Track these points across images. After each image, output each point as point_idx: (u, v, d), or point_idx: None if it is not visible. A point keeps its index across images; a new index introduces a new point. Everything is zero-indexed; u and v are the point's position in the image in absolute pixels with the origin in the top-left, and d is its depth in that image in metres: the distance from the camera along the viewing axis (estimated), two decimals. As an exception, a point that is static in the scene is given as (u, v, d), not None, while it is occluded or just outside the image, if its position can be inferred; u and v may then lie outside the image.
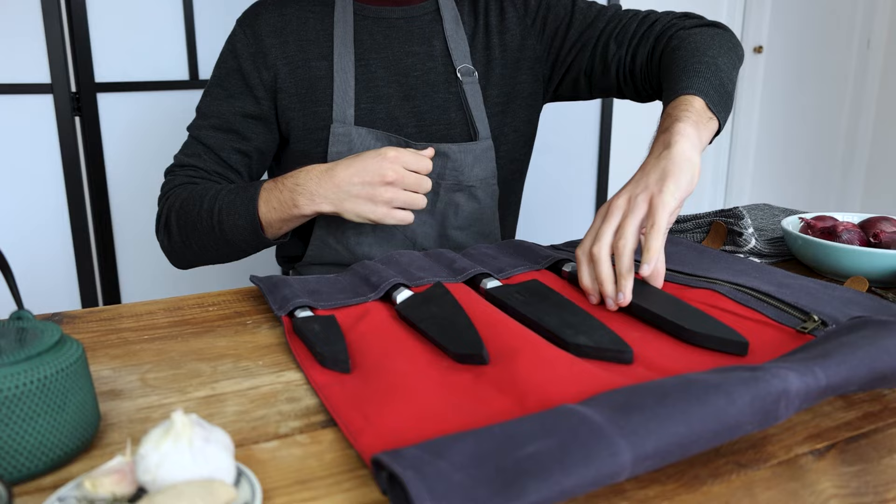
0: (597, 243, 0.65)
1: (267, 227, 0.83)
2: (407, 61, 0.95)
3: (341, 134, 0.91)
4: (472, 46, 0.98)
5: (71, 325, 0.65)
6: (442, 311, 0.59)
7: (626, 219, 0.64)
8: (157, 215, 0.91)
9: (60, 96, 1.39)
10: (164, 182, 0.93)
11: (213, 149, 0.92)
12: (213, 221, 0.84)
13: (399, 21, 0.96)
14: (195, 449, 0.35)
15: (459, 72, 0.96)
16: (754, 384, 0.40)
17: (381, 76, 0.93)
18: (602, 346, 0.53)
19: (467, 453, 0.35)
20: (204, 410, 0.48)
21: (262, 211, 0.82)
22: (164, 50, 1.47)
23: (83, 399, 0.42)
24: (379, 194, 0.78)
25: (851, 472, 0.41)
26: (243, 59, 0.93)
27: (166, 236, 0.90)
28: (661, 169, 0.65)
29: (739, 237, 0.83)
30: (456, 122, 0.96)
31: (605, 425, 0.37)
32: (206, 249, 0.88)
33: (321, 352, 0.53)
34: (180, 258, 0.92)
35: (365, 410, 0.45)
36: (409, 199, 0.80)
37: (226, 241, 0.85)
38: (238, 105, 0.93)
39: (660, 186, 0.63)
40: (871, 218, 0.82)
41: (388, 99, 0.93)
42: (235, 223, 0.83)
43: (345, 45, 0.92)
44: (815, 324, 0.57)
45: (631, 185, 0.67)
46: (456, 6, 0.99)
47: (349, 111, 0.91)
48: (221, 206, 0.83)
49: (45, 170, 1.42)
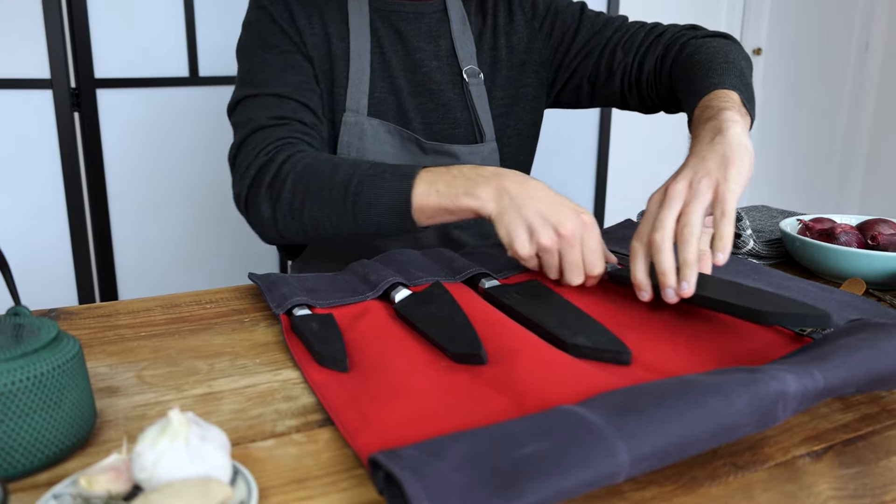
0: (658, 231, 0.60)
1: (417, 211, 0.71)
2: (417, 56, 0.94)
3: (353, 123, 0.90)
4: (479, 47, 0.97)
5: (68, 321, 0.65)
6: (440, 311, 0.59)
7: (689, 205, 0.60)
8: (259, 176, 0.78)
9: (60, 92, 1.38)
10: (246, 140, 0.81)
11: (292, 97, 0.84)
12: (348, 192, 0.72)
13: (409, 16, 0.95)
14: (191, 447, 0.35)
15: (466, 73, 0.95)
16: (752, 386, 0.40)
17: (395, 67, 0.93)
18: (600, 346, 0.53)
19: (465, 453, 0.35)
20: (201, 408, 0.48)
21: (418, 192, 0.70)
22: (164, 46, 1.46)
23: (79, 396, 0.42)
24: (540, 233, 0.65)
25: (849, 475, 0.41)
26: (282, 21, 0.87)
27: (270, 202, 0.77)
28: (720, 154, 0.62)
29: (738, 238, 0.83)
30: (461, 123, 0.96)
31: (602, 426, 0.37)
32: (321, 224, 0.76)
33: (319, 350, 0.53)
34: (277, 229, 0.79)
35: (362, 410, 0.45)
36: (552, 264, 0.67)
37: (354, 219, 0.73)
38: (295, 57, 0.87)
39: (723, 173, 0.61)
40: (868, 220, 0.82)
41: (400, 91, 0.93)
42: (377, 200, 0.71)
43: (360, 32, 0.91)
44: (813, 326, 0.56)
45: (688, 171, 0.63)
46: (463, 6, 0.98)
47: (363, 100, 0.90)
48: (363, 177, 0.72)
49: (44, 165, 1.42)
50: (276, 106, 0.83)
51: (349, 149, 0.90)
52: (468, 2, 0.99)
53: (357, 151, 0.90)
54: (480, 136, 0.96)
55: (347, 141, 0.90)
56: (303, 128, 0.83)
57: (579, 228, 0.65)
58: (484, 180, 0.68)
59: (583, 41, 0.97)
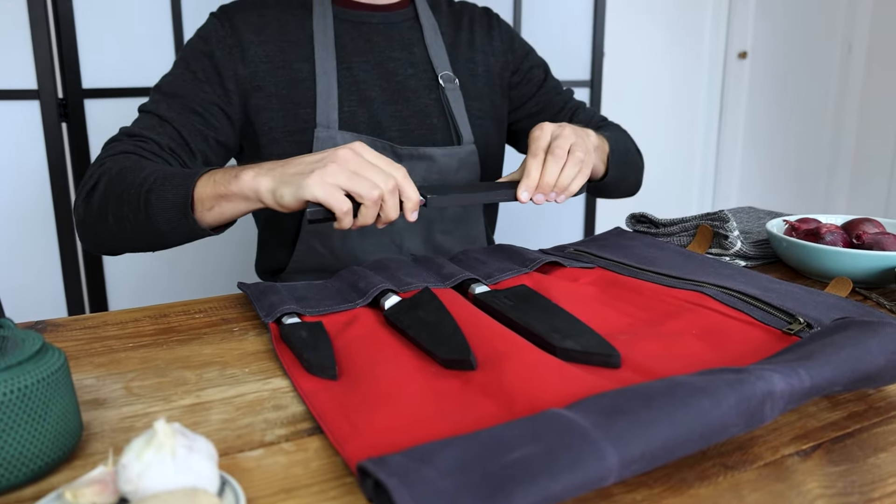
0: (563, 140, 0.77)
1: (198, 203, 0.69)
2: (389, 65, 0.95)
3: (325, 138, 0.90)
4: (452, 56, 1.00)
5: (55, 333, 0.64)
6: (430, 317, 0.59)
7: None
8: (84, 180, 0.78)
9: (47, 102, 1.38)
10: (104, 148, 0.82)
11: (172, 123, 0.83)
12: (142, 191, 0.71)
13: (379, 26, 0.96)
14: (178, 458, 0.35)
15: (441, 78, 0.96)
16: (739, 386, 0.40)
17: (364, 79, 0.93)
18: (590, 350, 0.53)
19: (453, 459, 0.35)
20: (189, 419, 0.48)
21: (198, 186, 0.69)
22: (151, 56, 1.46)
23: (65, 409, 0.42)
24: (328, 173, 0.64)
25: (837, 472, 0.41)
26: (218, 48, 0.88)
27: (84, 205, 0.77)
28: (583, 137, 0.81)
29: (725, 240, 0.84)
30: (439, 127, 0.96)
31: (591, 429, 0.37)
32: (121, 225, 0.74)
33: (308, 358, 0.53)
34: (92, 235, 0.79)
35: (352, 417, 0.45)
36: (357, 188, 0.64)
37: (147, 216, 0.72)
38: (207, 90, 0.86)
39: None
40: (853, 219, 0.83)
41: (371, 102, 0.93)
42: (164, 196, 0.70)
43: (326, 49, 0.92)
44: (800, 325, 0.57)
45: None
46: (433, 16, 1.00)
47: (332, 115, 0.91)
48: (157, 177, 0.72)
49: (32, 176, 1.41)
50: (151, 126, 0.83)
51: None
52: (438, 11, 1.01)
53: None
54: (458, 139, 0.97)
55: None
56: (154, 147, 0.82)
57: (355, 149, 0.66)
58: (251, 167, 0.67)
59: (534, 108, 1.07)
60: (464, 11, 1.05)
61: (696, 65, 3.00)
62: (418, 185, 0.70)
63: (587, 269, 0.75)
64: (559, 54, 1.85)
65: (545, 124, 0.80)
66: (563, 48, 1.87)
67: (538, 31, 1.82)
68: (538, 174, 0.76)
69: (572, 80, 1.89)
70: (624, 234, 0.89)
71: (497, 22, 1.07)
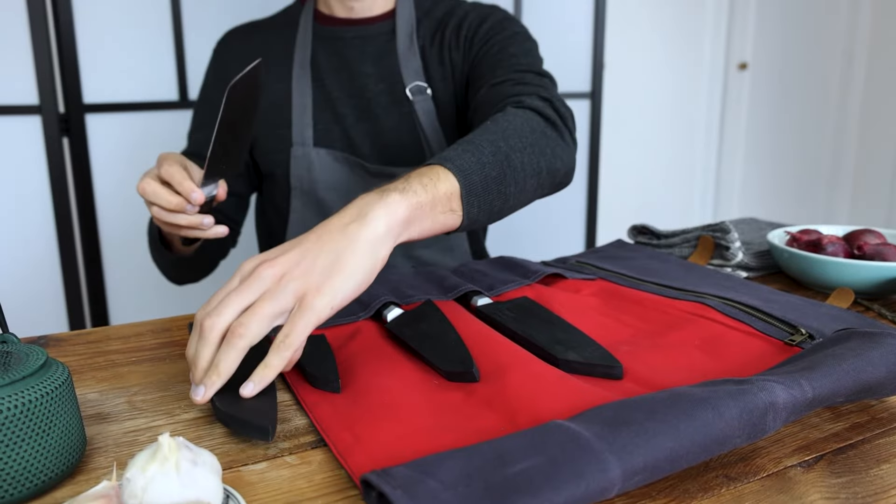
0: (212, 316, 0.47)
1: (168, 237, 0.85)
2: (360, 81, 0.94)
3: (301, 156, 0.92)
4: (425, 60, 0.94)
5: (57, 347, 0.64)
6: (432, 329, 0.59)
7: (261, 302, 0.47)
8: None
9: (49, 117, 1.38)
10: None
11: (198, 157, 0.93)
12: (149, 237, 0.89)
13: (354, 41, 0.95)
14: (182, 472, 0.35)
15: (410, 91, 0.93)
16: (741, 397, 0.40)
17: (337, 96, 0.94)
18: (592, 361, 0.53)
19: (457, 471, 0.35)
20: (192, 433, 0.48)
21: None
22: (153, 71, 1.47)
23: (68, 423, 0.42)
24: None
25: (840, 484, 0.41)
26: (211, 89, 0.96)
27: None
28: (336, 251, 0.49)
29: (727, 251, 0.84)
30: (409, 145, 0.95)
31: (594, 441, 0.37)
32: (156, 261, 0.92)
33: (311, 372, 0.53)
34: (162, 271, 0.96)
35: (355, 430, 0.45)
36: (159, 215, 0.72)
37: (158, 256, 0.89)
38: (207, 132, 0.95)
39: (325, 281, 0.48)
40: (855, 230, 0.83)
41: (344, 119, 0.94)
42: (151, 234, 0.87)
43: (302, 67, 0.93)
44: (802, 336, 0.57)
45: (296, 254, 0.49)
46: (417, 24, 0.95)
47: (307, 132, 0.92)
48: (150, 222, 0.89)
49: (33, 191, 1.41)
50: None
51: (300, 181, 0.92)
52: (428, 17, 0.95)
53: (307, 182, 0.92)
54: (430, 154, 0.95)
55: (298, 174, 0.92)
56: None
57: (154, 171, 0.72)
58: None
59: (483, 70, 0.89)
60: (457, 11, 0.96)
61: (697, 76, 3.01)
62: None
63: (589, 281, 0.75)
64: (560, 66, 1.86)
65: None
66: (563, 60, 1.88)
67: (539, 43, 1.83)
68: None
69: (573, 91, 1.90)
70: (625, 246, 0.90)
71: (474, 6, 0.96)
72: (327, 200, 0.93)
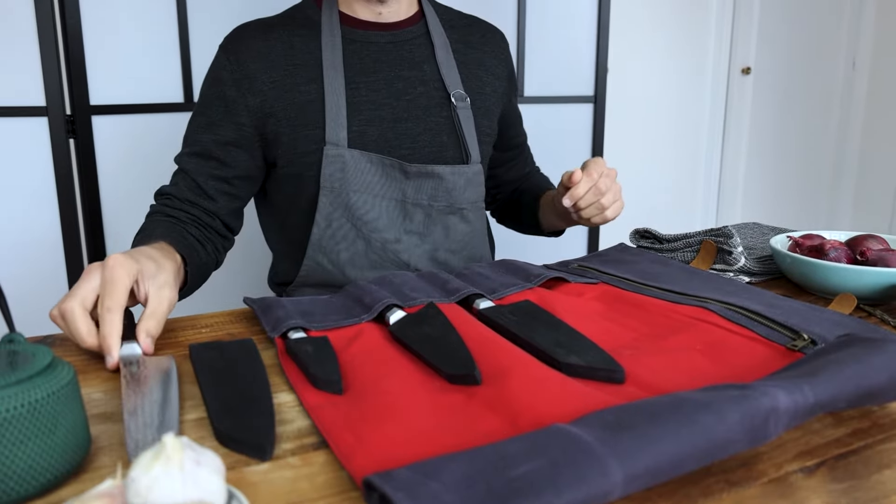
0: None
1: None
2: (398, 85, 0.96)
3: (334, 156, 0.91)
4: (463, 74, 1.01)
5: (63, 347, 0.65)
6: (434, 332, 0.59)
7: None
8: None
9: (55, 119, 1.39)
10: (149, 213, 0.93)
11: (190, 174, 0.92)
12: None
13: (388, 46, 0.97)
14: (186, 472, 0.35)
15: (453, 97, 0.98)
16: (744, 402, 0.40)
17: (372, 99, 0.94)
18: (594, 365, 0.53)
19: (459, 474, 0.35)
20: (196, 433, 0.48)
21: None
22: (158, 72, 1.48)
23: (74, 422, 0.42)
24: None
25: (841, 489, 0.41)
26: (227, 86, 0.92)
27: None
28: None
29: (729, 256, 0.84)
30: (448, 145, 0.97)
31: (595, 445, 0.37)
32: None
33: (314, 373, 0.53)
34: None
35: (357, 432, 0.45)
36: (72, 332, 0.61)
37: None
38: (220, 133, 0.92)
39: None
40: (857, 236, 0.83)
41: (380, 122, 0.94)
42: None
43: (335, 69, 0.93)
44: (804, 342, 0.57)
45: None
46: (445, 33, 1.01)
47: (342, 133, 0.92)
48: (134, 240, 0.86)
49: (39, 192, 1.42)
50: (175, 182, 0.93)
51: (331, 181, 0.92)
52: (450, 28, 1.03)
53: (339, 182, 0.92)
54: (467, 158, 0.98)
55: (329, 173, 0.91)
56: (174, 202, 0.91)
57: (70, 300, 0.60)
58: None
59: (510, 130, 1.12)
60: (475, 29, 1.06)
61: (700, 80, 3.01)
62: None
63: (591, 285, 0.75)
64: (562, 70, 1.87)
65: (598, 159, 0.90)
66: (566, 64, 1.88)
67: (542, 47, 1.83)
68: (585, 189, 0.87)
69: (575, 95, 1.90)
70: (627, 250, 0.90)
71: (506, 46, 1.09)
72: (357, 202, 0.93)
